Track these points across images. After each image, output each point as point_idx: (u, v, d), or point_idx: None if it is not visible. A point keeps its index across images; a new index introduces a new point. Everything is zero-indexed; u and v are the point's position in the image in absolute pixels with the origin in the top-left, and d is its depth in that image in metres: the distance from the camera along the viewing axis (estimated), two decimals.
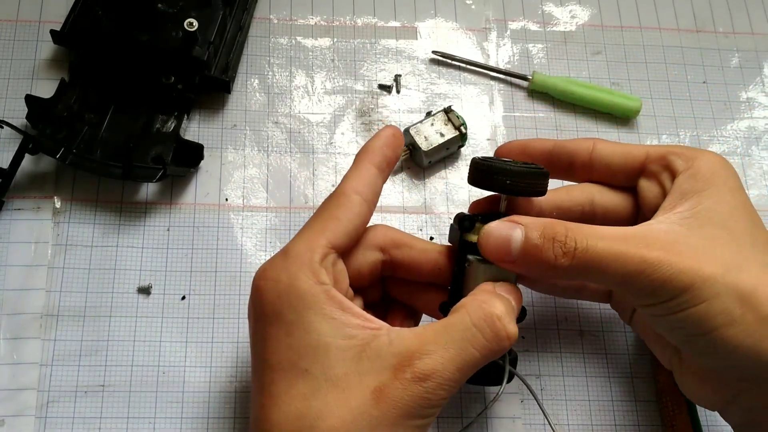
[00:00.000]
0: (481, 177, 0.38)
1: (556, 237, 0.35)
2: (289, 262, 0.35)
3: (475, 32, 0.58)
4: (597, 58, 0.58)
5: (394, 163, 0.40)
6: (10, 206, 0.47)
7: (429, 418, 0.33)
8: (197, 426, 0.44)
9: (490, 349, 0.34)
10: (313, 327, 0.33)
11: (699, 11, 0.61)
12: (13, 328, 0.44)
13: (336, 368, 0.33)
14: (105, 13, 0.50)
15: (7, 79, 0.51)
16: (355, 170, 0.39)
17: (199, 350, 0.45)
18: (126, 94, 0.49)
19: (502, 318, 0.34)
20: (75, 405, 0.43)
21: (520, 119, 0.55)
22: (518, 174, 0.37)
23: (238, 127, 0.52)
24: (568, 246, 0.34)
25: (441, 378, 0.32)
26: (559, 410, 0.46)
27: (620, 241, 0.34)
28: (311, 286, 0.34)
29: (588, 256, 0.34)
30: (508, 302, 0.36)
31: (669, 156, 0.39)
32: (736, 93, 0.58)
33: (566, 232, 0.35)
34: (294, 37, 0.56)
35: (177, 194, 0.49)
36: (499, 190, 0.38)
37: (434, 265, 0.40)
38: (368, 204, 0.38)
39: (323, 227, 0.36)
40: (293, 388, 0.33)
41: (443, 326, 0.34)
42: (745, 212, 0.37)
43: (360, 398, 0.32)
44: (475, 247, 0.38)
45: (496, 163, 0.38)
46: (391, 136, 0.40)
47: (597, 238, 0.34)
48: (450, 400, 0.35)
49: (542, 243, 0.35)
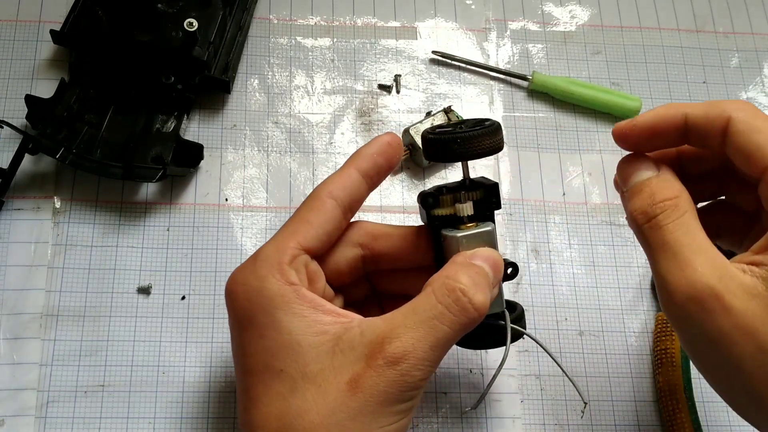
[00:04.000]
0: (439, 151, 0.37)
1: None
2: (257, 265, 0.35)
3: (475, 32, 0.58)
4: (597, 58, 0.58)
5: (386, 172, 0.40)
6: (10, 206, 0.47)
7: (409, 402, 0.33)
8: (197, 426, 0.44)
9: (460, 323, 0.34)
10: (283, 327, 0.33)
11: (699, 11, 0.61)
12: (13, 328, 0.44)
13: (311, 365, 0.33)
14: (105, 13, 0.50)
15: (7, 79, 0.51)
16: (337, 174, 0.38)
17: (199, 350, 0.45)
18: (126, 94, 0.49)
19: (467, 290, 0.34)
20: (75, 405, 0.43)
21: (520, 119, 0.55)
22: (474, 138, 0.36)
23: (238, 127, 0.52)
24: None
25: (414, 358, 0.32)
26: (559, 410, 0.46)
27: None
28: (280, 287, 0.34)
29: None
30: (479, 270, 0.35)
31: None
32: (736, 93, 0.58)
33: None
34: (294, 37, 0.56)
35: (177, 194, 0.49)
36: (456, 159, 0.38)
37: (415, 249, 0.40)
38: (343, 209, 0.37)
39: (294, 230, 0.36)
40: (271, 388, 0.33)
41: (411, 307, 0.34)
42: None
43: (336, 391, 0.32)
44: (446, 220, 0.38)
45: (447, 134, 0.37)
46: (385, 144, 0.39)
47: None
48: (449, 393, 0.35)
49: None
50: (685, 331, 0.33)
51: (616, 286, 0.50)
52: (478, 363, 0.47)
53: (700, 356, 0.34)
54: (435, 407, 0.45)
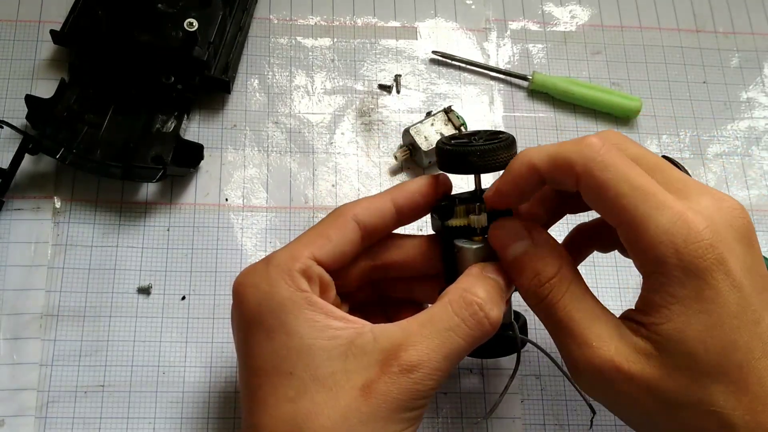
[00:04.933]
0: (454, 162, 0.38)
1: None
2: (270, 269, 0.35)
3: (475, 32, 0.58)
4: (597, 58, 0.58)
5: (421, 213, 0.40)
6: (10, 206, 0.47)
7: (419, 410, 0.33)
8: (197, 426, 0.44)
9: (474, 336, 0.34)
10: (294, 331, 0.33)
11: (699, 11, 0.61)
12: (13, 328, 0.44)
13: (322, 368, 0.33)
14: (105, 13, 0.50)
15: (7, 79, 0.51)
16: (371, 199, 0.39)
17: (199, 350, 0.45)
18: (126, 94, 0.49)
19: (484, 305, 0.34)
20: (75, 405, 0.43)
21: (520, 119, 0.55)
22: (489, 152, 0.37)
23: (238, 127, 0.52)
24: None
25: (428, 368, 0.33)
26: (559, 410, 0.46)
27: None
28: (291, 293, 0.34)
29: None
30: (494, 284, 0.36)
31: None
32: (736, 93, 0.58)
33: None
34: (294, 37, 0.56)
35: (177, 194, 0.49)
36: (473, 172, 0.38)
37: (425, 259, 0.40)
38: (364, 234, 0.38)
39: (311, 242, 0.36)
40: (279, 391, 0.33)
41: (427, 317, 0.34)
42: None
43: (349, 396, 0.32)
44: (459, 231, 0.38)
45: (462, 146, 0.38)
46: (426, 185, 0.39)
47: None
48: (449, 394, 0.35)
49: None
50: (598, 398, 0.36)
51: (617, 286, 0.50)
52: (478, 363, 0.47)
53: (619, 414, 0.36)
54: (435, 407, 0.45)
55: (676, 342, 0.31)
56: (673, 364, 0.31)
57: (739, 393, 0.31)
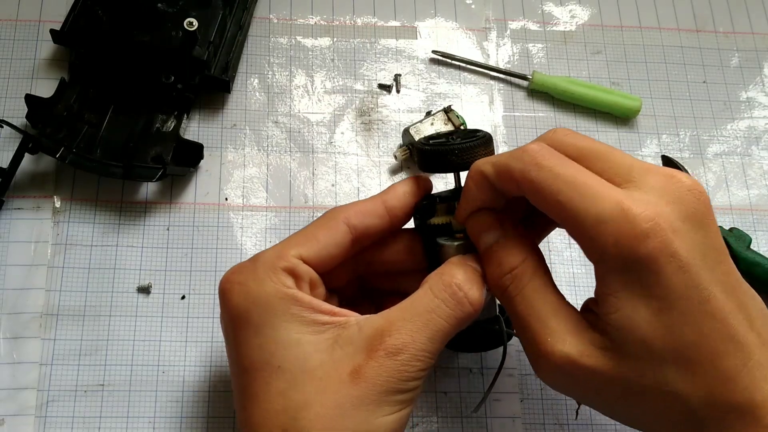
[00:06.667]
0: (434, 162, 0.39)
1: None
2: (257, 267, 0.36)
3: (475, 32, 0.58)
4: (597, 57, 0.58)
5: (411, 213, 0.40)
6: (10, 206, 0.47)
7: (411, 392, 0.34)
8: (197, 425, 0.44)
9: (456, 317, 0.35)
10: (281, 326, 0.34)
11: (699, 11, 0.61)
12: (13, 328, 0.44)
13: (310, 360, 0.33)
14: (105, 13, 0.50)
15: (7, 79, 0.51)
16: (362, 202, 0.39)
17: (198, 349, 0.45)
18: (126, 94, 0.49)
19: (462, 285, 0.35)
20: (75, 404, 0.43)
21: (520, 119, 0.55)
22: (467, 150, 0.38)
23: (238, 126, 0.52)
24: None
25: (413, 349, 0.33)
26: (559, 410, 0.46)
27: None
28: (278, 290, 0.34)
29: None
30: (473, 269, 0.36)
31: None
32: (736, 93, 0.58)
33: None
34: (294, 36, 0.56)
35: (177, 194, 0.49)
36: (453, 170, 0.39)
37: (410, 254, 0.40)
38: (354, 237, 0.38)
39: (299, 242, 0.37)
40: (270, 385, 0.33)
41: (409, 303, 0.35)
42: None
43: (338, 383, 0.33)
44: (441, 229, 0.39)
45: (441, 145, 0.38)
46: (415, 185, 0.40)
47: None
48: (448, 393, 0.35)
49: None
50: (561, 391, 0.36)
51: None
52: (478, 363, 0.47)
53: (586, 404, 0.37)
54: (435, 407, 0.45)
55: (627, 330, 0.31)
56: (627, 352, 0.32)
57: (693, 372, 0.31)
